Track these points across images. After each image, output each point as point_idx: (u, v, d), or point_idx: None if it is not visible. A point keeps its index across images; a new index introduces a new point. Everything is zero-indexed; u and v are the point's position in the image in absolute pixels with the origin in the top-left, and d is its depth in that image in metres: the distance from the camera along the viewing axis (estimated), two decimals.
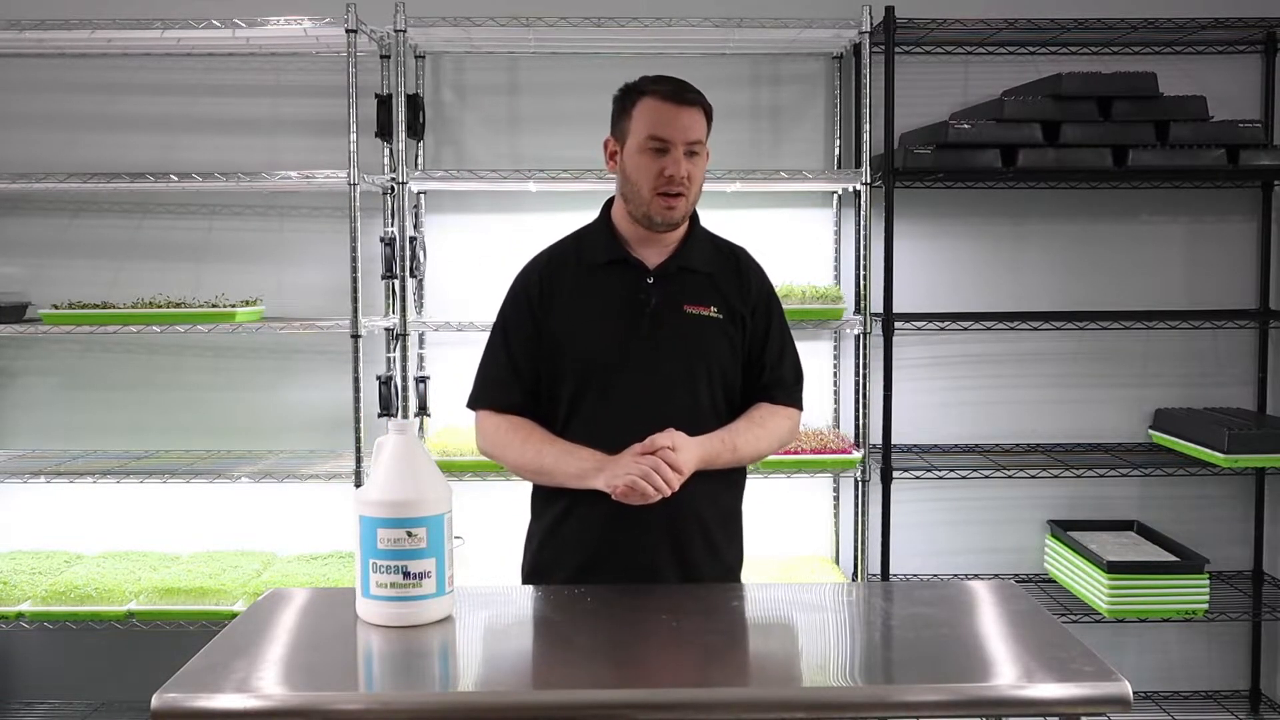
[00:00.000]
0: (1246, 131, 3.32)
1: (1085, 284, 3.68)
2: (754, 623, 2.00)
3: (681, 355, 2.19)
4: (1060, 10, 3.39)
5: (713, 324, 2.22)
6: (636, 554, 2.16)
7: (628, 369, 2.18)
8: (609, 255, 2.24)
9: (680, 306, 2.21)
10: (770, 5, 3.41)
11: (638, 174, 2.18)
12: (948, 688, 1.64)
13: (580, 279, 2.24)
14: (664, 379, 2.18)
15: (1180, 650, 3.75)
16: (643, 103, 2.19)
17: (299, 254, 3.64)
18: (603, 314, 2.21)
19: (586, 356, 2.19)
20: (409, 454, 1.89)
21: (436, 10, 3.32)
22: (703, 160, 2.22)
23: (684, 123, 2.16)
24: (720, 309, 2.23)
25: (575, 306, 2.22)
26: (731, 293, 2.25)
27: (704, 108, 2.22)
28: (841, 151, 3.63)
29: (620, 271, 2.23)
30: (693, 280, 2.24)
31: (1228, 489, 3.72)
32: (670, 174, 2.15)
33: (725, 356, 2.23)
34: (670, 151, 2.16)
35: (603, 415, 2.18)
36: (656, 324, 2.19)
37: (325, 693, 1.65)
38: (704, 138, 2.20)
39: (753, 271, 2.32)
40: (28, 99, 3.61)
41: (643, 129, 2.17)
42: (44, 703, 3.69)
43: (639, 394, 2.17)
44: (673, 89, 2.19)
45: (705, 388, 2.20)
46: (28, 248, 3.64)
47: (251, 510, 3.62)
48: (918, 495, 3.62)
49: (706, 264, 2.26)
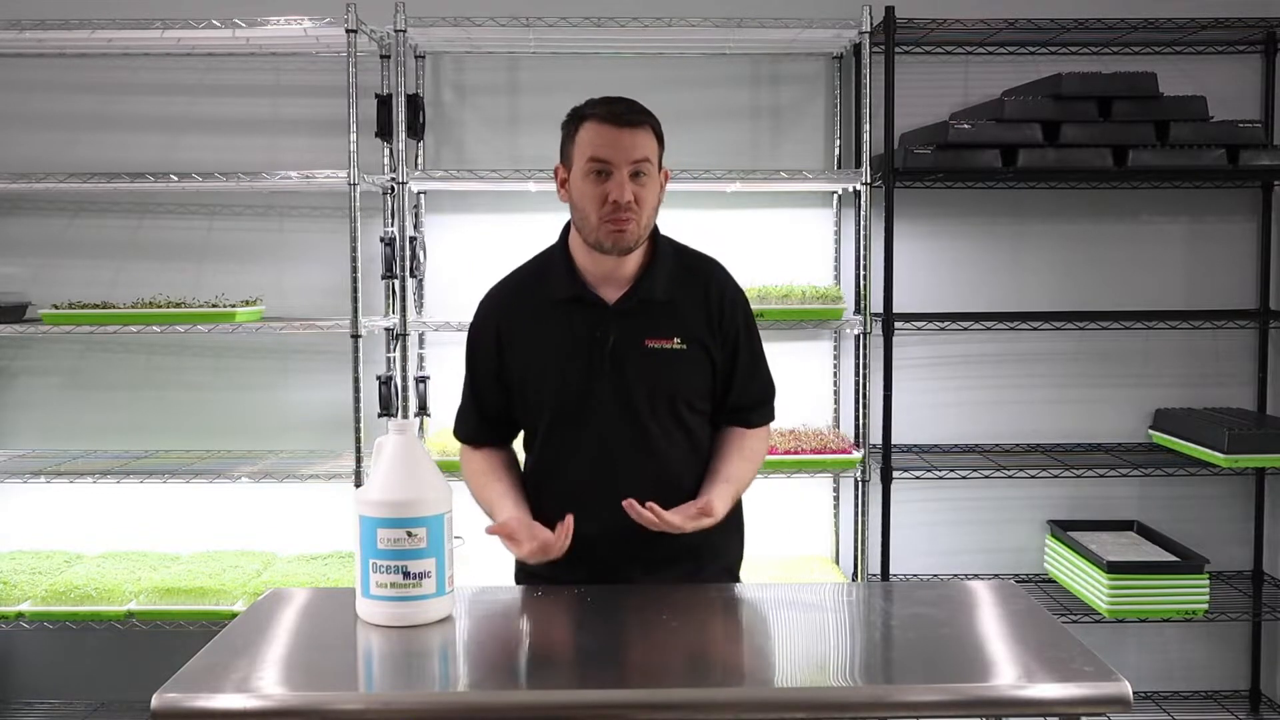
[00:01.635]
0: (1246, 131, 3.32)
1: (1085, 284, 3.68)
2: (754, 623, 2.00)
3: (645, 391, 2.15)
4: (1060, 10, 3.39)
5: (675, 355, 2.17)
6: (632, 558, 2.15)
7: (592, 407, 2.15)
8: (566, 292, 2.18)
9: (641, 342, 2.16)
10: (770, 5, 3.41)
11: (583, 200, 2.11)
12: (948, 688, 1.64)
13: (539, 315, 2.20)
14: (629, 415, 2.15)
15: (1180, 650, 3.75)
16: (584, 127, 2.12)
17: (299, 254, 3.64)
18: (563, 353, 2.17)
19: (550, 399, 2.17)
20: (409, 454, 1.90)
21: (436, 10, 3.32)
22: (653, 183, 2.13)
23: (626, 143, 2.08)
24: (684, 339, 2.17)
25: (535, 345, 2.19)
26: (696, 320, 2.19)
27: (652, 127, 2.14)
28: (841, 151, 3.63)
29: (578, 309, 2.17)
30: (653, 311, 2.17)
31: (1228, 489, 3.72)
32: (614, 199, 2.07)
33: (691, 385, 2.19)
34: (614, 174, 2.08)
35: (573, 451, 2.17)
36: (617, 362, 2.15)
37: (325, 693, 1.65)
38: (653, 158, 2.12)
39: (723, 293, 2.24)
40: (28, 99, 3.61)
41: (585, 153, 2.10)
42: (44, 703, 3.69)
43: (607, 430, 2.15)
44: (613, 110, 2.11)
45: (671, 417, 2.18)
46: (28, 248, 3.64)
47: (251, 510, 3.62)
48: (918, 495, 3.62)
49: (667, 291, 2.19)
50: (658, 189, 2.17)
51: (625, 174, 2.09)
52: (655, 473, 2.16)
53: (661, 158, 2.18)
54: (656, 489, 2.11)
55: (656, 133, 2.16)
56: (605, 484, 2.13)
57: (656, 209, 2.17)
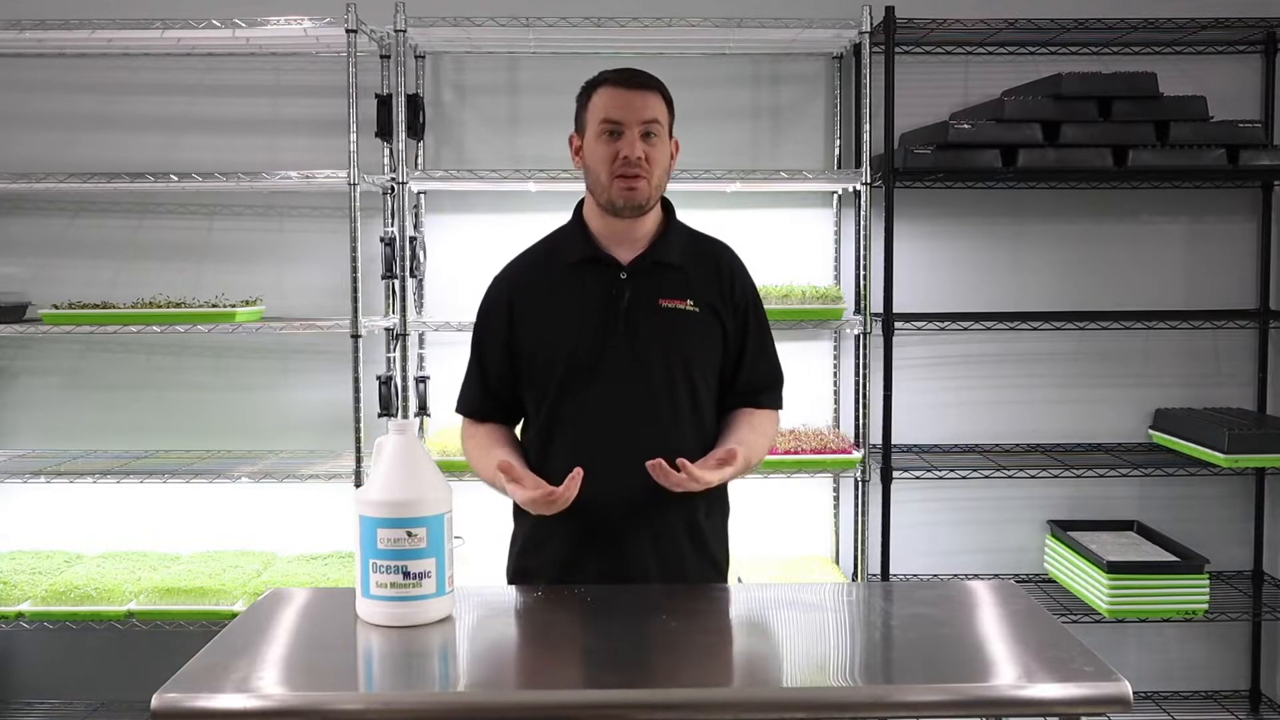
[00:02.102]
0: (1246, 131, 3.32)
1: (1085, 284, 3.68)
2: (754, 623, 2.00)
3: (658, 351, 2.18)
4: (1060, 10, 3.39)
5: (689, 317, 2.21)
6: (618, 552, 2.16)
7: (605, 367, 2.17)
8: (581, 254, 2.23)
9: (655, 301, 2.20)
10: (770, 5, 3.41)
11: (595, 161, 2.17)
12: (948, 688, 1.64)
13: (553, 281, 2.24)
14: (642, 375, 2.17)
15: (1180, 650, 3.75)
16: (598, 92, 2.19)
17: (299, 254, 3.64)
18: (577, 314, 2.20)
19: (563, 358, 2.18)
20: (409, 454, 1.90)
21: (436, 10, 3.32)
22: (664, 145, 2.19)
23: (637, 104, 2.15)
24: (696, 303, 2.21)
25: (549, 309, 2.21)
26: (708, 288, 2.23)
27: (661, 92, 2.20)
28: (841, 151, 3.63)
29: (593, 270, 2.22)
30: (667, 274, 2.22)
31: (1228, 489, 3.72)
32: (625, 155, 2.13)
33: (702, 350, 2.22)
34: (624, 134, 2.14)
35: (584, 415, 2.18)
36: (631, 321, 2.18)
37: (325, 693, 1.65)
38: (663, 120, 2.18)
39: (734, 270, 2.29)
40: (28, 99, 3.61)
41: (597, 115, 2.17)
42: (44, 703, 3.69)
43: (618, 392, 2.17)
44: (625, 74, 2.20)
45: (684, 382, 2.20)
46: (28, 248, 3.64)
47: (251, 510, 3.62)
48: (918, 495, 3.62)
49: (681, 257, 2.24)
50: (668, 153, 2.22)
51: (636, 133, 2.15)
52: (661, 437, 2.16)
53: (672, 126, 2.23)
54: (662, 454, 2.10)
55: (667, 100, 2.21)
56: (613, 445, 2.15)
57: (668, 173, 2.22)
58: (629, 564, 2.17)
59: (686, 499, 2.15)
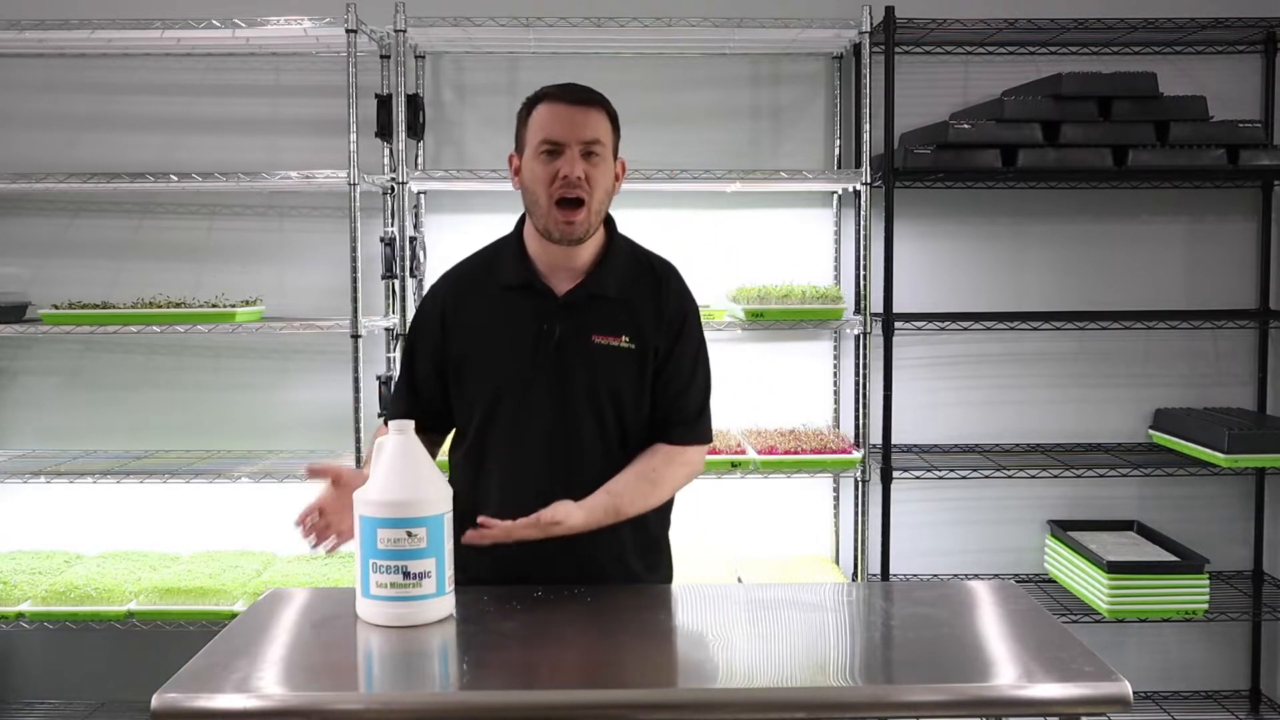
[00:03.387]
0: (1246, 131, 3.32)
1: (1085, 284, 3.68)
2: (754, 623, 2.00)
3: (586, 387, 2.10)
4: (1060, 10, 3.39)
5: (622, 354, 2.11)
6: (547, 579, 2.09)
7: (532, 399, 2.11)
8: (517, 279, 2.14)
9: (588, 336, 2.11)
10: (770, 5, 3.41)
11: (533, 182, 2.08)
12: (948, 688, 1.64)
13: (488, 301, 2.16)
14: (568, 410, 2.11)
15: (1180, 650, 3.75)
16: (537, 109, 2.09)
17: (299, 254, 3.64)
18: (508, 341, 2.13)
19: (491, 384, 2.13)
20: (409, 454, 1.89)
21: (436, 10, 3.32)
22: (607, 166, 2.09)
23: (578, 121, 2.05)
24: (632, 338, 2.12)
25: (481, 330, 2.15)
26: (646, 320, 2.13)
27: (605, 109, 2.10)
28: (841, 151, 3.63)
29: (528, 297, 2.13)
30: (605, 307, 2.12)
31: (1228, 489, 3.72)
32: (564, 174, 2.04)
33: (634, 387, 2.13)
34: (564, 153, 2.05)
35: (509, 444, 2.13)
36: (561, 355, 2.11)
37: (325, 693, 1.65)
38: (605, 140, 2.08)
39: (672, 293, 2.18)
40: (28, 99, 3.61)
41: (537, 135, 2.07)
42: (44, 703, 3.69)
43: (545, 424, 2.11)
44: (567, 90, 2.09)
45: (612, 418, 2.12)
46: (28, 248, 3.64)
47: (251, 510, 3.62)
48: (918, 495, 3.62)
49: (620, 289, 2.14)
50: (611, 174, 2.12)
51: (576, 152, 2.05)
52: (591, 470, 2.10)
53: (617, 147, 2.14)
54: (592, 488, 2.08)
55: (611, 118, 2.12)
56: (541, 478, 2.09)
57: (609, 196, 2.13)
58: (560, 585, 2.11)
59: (614, 536, 2.10)
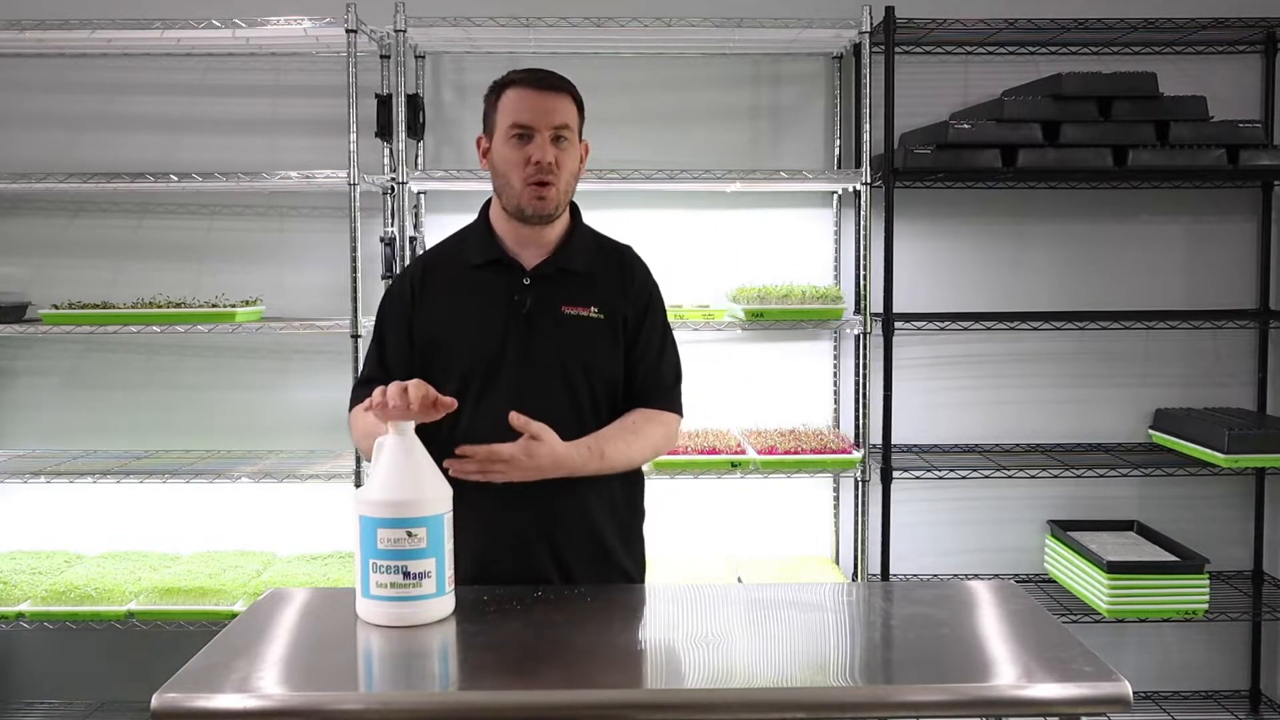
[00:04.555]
0: (1246, 131, 3.32)
1: (1085, 284, 3.68)
2: (753, 623, 2.00)
3: (558, 358, 2.15)
4: (1060, 10, 3.39)
5: (592, 325, 2.17)
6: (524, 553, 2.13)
7: (504, 371, 2.14)
8: (485, 256, 2.20)
9: (558, 308, 2.16)
10: (770, 5, 3.41)
11: (505, 165, 2.14)
12: (948, 688, 1.64)
13: (457, 279, 2.21)
14: (541, 382, 2.14)
15: (1180, 650, 3.75)
16: (506, 94, 2.16)
17: (299, 254, 3.64)
18: (478, 316, 2.17)
19: (463, 359, 2.16)
20: (409, 454, 1.89)
21: (436, 10, 3.32)
22: (574, 149, 2.17)
23: (548, 106, 2.12)
24: (601, 309, 2.18)
25: (451, 307, 2.19)
26: (613, 293, 2.20)
27: (572, 95, 2.17)
28: (841, 151, 3.63)
29: (497, 272, 2.18)
30: (572, 281, 2.19)
31: (1228, 489, 3.72)
32: (536, 159, 2.10)
33: (605, 357, 2.18)
34: (535, 138, 2.12)
35: (483, 418, 2.13)
36: (531, 326, 2.15)
37: (325, 693, 1.65)
38: (573, 124, 2.16)
39: (636, 269, 2.26)
40: (28, 99, 3.61)
41: (507, 118, 2.13)
42: (44, 703, 3.69)
43: (517, 396, 2.12)
44: (536, 75, 2.16)
45: (585, 390, 2.16)
46: (28, 248, 3.64)
47: (251, 510, 3.62)
48: (918, 495, 3.62)
49: (587, 264, 2.21)
50: (578, 157, 2.20)
51: (547, 137, 2.12)
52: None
53: (582, 129, 2.21)
54: None
55: (578, 102, 2.19)
56: None
57: (576, 177, 2.20)
58: (529, 569, 2.14)
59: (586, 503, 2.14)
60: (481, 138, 2.22)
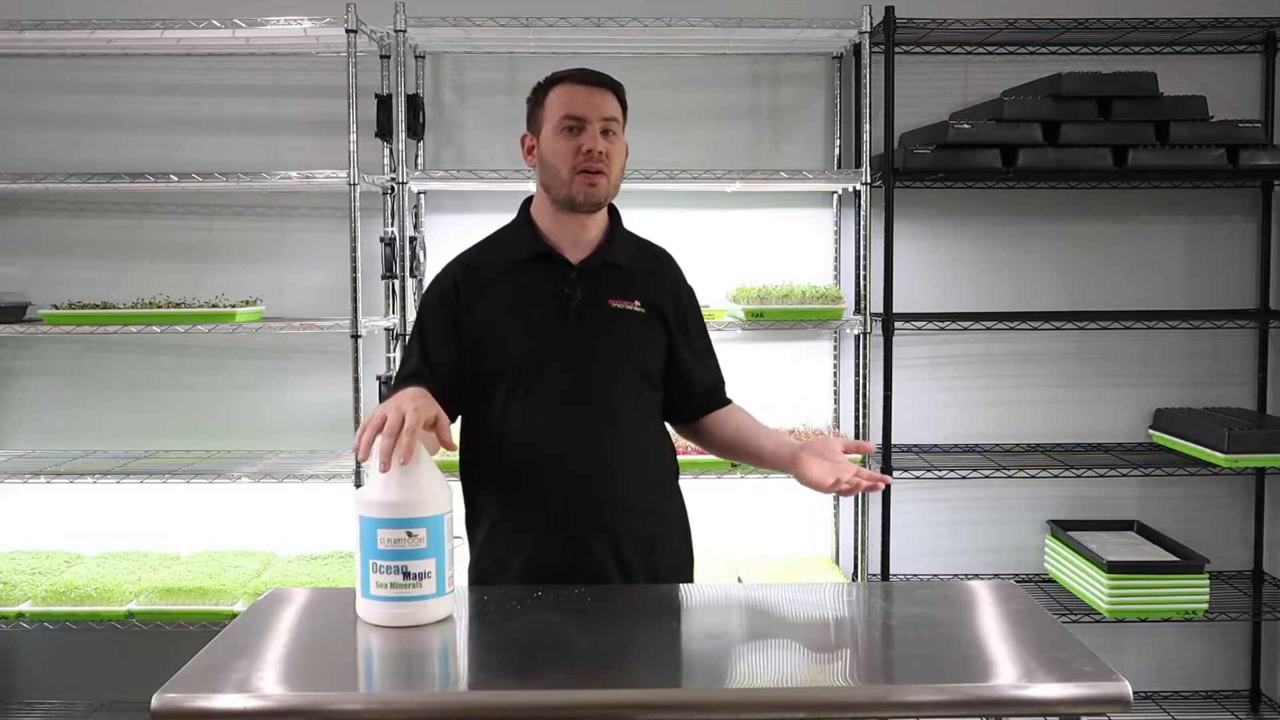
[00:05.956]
0: (1246, 131, 3.32)
1: (1085, 284, 3.68)
2: (753, 622, 2.00)
3: (607, 349, 2.18)
4: (1060, 10, 3.39)
5: (637, 318, 2.21)
6: (581, 549, 2.14)
7: (555, 364, 2.16)
8: (531, 251, 2.22)
9: (605, 301, 2.19)
10: (770, 5, 3.41)
11: (555, 156, 2.16)
12: (948, 688, 1.64)
13: (502, 276, 2.22)
14: (591, 373, 2.17)
15: (1180, 650, 3.75)
16: (555, 90, 2.19)
17: (299, 254, 3.64)
18: (527, 310, 2.19)
19: (513, 353, 2.17)
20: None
21: (436, 10, 3.32)
22: (621, 143, 2.20)
23: (596, 100, 2.16)
24: (644, 305, 2.22)
25: (498, 304, 2.20)
26: (654, 290, 2.24)
27: (617, 93, 2.21)
28: (841, 151, 3.63)
29: (543, 267, 2.20)
30: (616, 275, 2.22)
31: (1228, 489, 3.72)
32: (588, 148, 2.13)
33: (650, 350, 2.23)
34: (586, 129, 2.15)
35: (533, 411, 2.15)
36: (581, 319, 2.17)
37: (325, 693, 1.65)
38: (619, 119, 2.20)
39: (676, 276, 2.33)
40: (28, 99, 3.61)
41: (557, 112, 2.17)
42: (44, 703, 3.69)
43: (570, 389, 2.16)
44: (585, 72, 2.21)
45: (631, 381, 2.20)
46: (28, 248, 3.64)
47: (251, 510, 3.63)
48: (918, 495, 3.62)
49: (629, 260, 2.25)
50: (624, 151, 2.23)
51: (597, 128, 2.16)
52: (612, 434, 2.16)
53: (624, 128, 2.24)
54: (619, 453, 2.15)
55: (622, 101, 2.22)
56: (566, 441, 2.13)
57: (622, 172, 2.23)
58: (588, 565, 2.15)
59: (638, 498, 2.18)
60: (526, 135, 2.26)
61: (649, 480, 2.23)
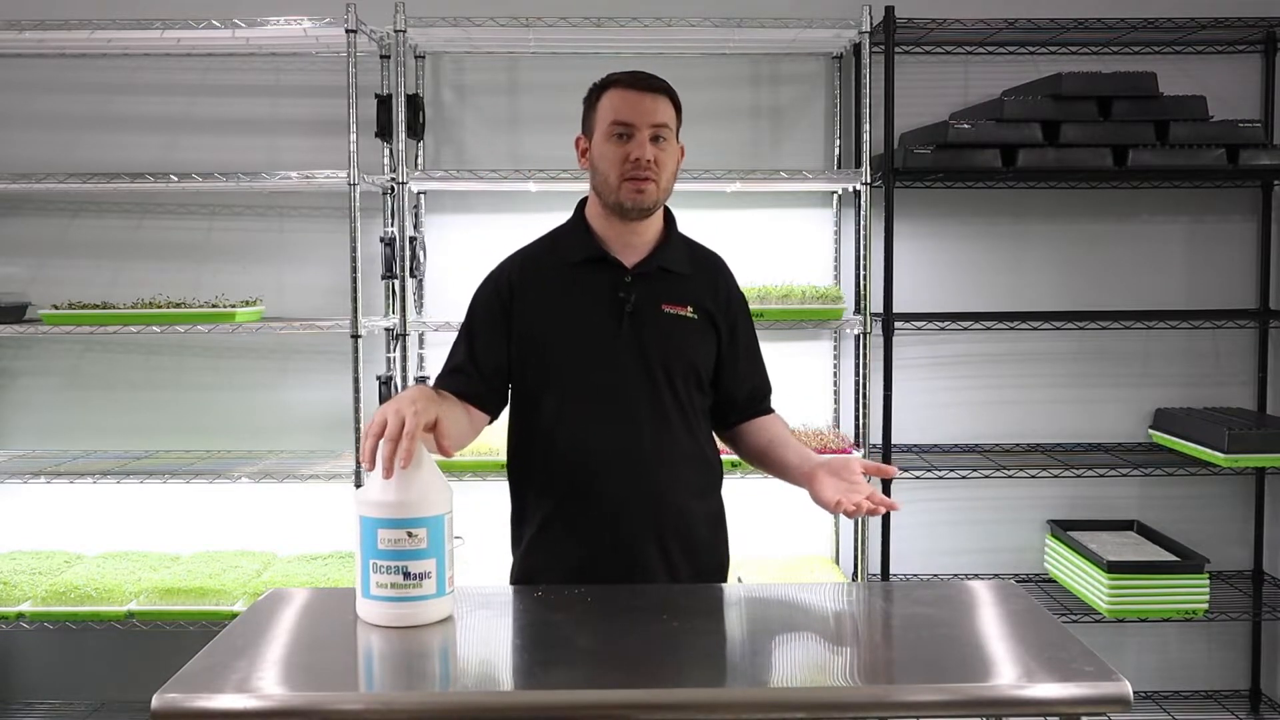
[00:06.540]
0: (1246, 131, 3.32)
1: (1085, 284, 3.68)
2: (754, 622, 2.00)
3: (661, 354, 2.19)
4: (1060, 10, 3.39)
5: (689, 323, 2.22)
6: (626, 553, 2.16)
7: (610, 367, 2.17)
8: (586, 254, 2.22)
9: (659, 306, 2.20)
10: (770, 5, 3.41)
11: (604, 162, 2.17)
12: (948, 688, 1.64)
13: (556, 278, 2.22)
14: (644, 377, 2.18)
15: (1180, 650, 3.75)
16: (607, 94, 2.19)
17: (299, 254, 3.64)
18: (580, 312, 2.19)
19: (566, 356, 2.18)
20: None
21: (436, 10, 3.32)
22: (673, 148, 2.20)
23: (647, 106, 2.15)
24: (696, 310, 2.22)
25: (552, 306, 2.21)
26: (706, 296, 2.25)
27: (670, 96, 2.20)
28: (841, 151, 3.63)
29: (598, 270, 2.21)
30: (670, 281, 2.23)
31: (1228, 489, 3.72)
32: (635, 157, 2.13)
33: (702, 356, 2.24)
34: (635, 135, 2.15)
35: (585, 414, 2.17)
36: (636, 323, 2.18)
37: (325, 693, 1.65)
38: (671, 124, 2.19)
39: (729, 282, 2.32)
40: (28, 99, 3.61)
41: (607, 117, 2.17)
42: (44, 703, 3.69)
43: (623, 392, 2.17)
44: (636, 76, 2.20)
45: (684, 385, 2.21)
46: (28, 248, 3.64)
47: (251, 510, 3.62)
48: (918, 495, 3.62)
49: (683, 265, 2.25)
50: (676, 156, 2.22)
51: (646, 135, 2.15)
52: (664, 438, 2.18)
53: (679, 132, 2.23)
54: (670, 456, 2.17)
55: (676, 104, 2.21)
56: (618, 445, 2.16)
57: (674, 177, 2.22)
58: (636, 566, 2.17)
59: (687, 501, 2.19)
60: (580, 138, 2.26)
61: (698, 483, 2.24)
